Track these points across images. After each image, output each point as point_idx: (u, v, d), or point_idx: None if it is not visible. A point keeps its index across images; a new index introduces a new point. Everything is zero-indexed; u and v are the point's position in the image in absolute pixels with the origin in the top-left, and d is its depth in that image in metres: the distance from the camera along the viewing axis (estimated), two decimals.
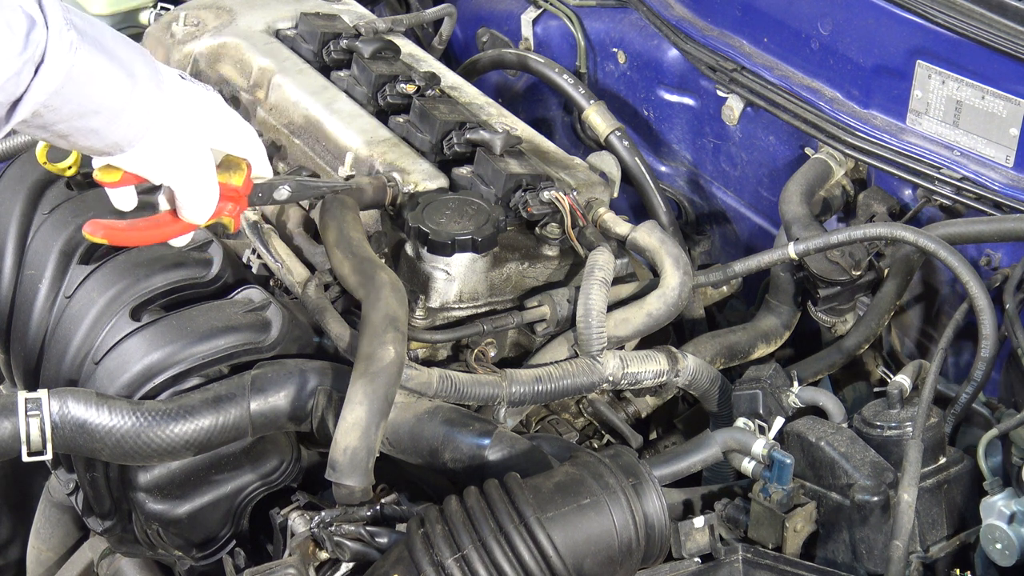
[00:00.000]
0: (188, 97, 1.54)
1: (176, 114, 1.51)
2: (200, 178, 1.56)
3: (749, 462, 1.77)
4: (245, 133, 1.63)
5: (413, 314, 1.86)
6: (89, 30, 1.39)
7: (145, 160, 1.51)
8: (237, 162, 1.64)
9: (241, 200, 1.65)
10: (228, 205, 1.63)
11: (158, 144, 1.50)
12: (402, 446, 1.79)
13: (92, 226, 1.60)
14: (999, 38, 1.96)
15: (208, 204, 1.59)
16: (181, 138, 1.52)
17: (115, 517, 1.80)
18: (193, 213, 1.59)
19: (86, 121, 1.42)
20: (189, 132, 1.53)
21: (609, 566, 1.57)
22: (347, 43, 2.28)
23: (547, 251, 1.98)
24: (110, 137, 1.45)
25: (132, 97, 1.44)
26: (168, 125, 1.50)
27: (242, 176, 1.64)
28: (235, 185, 1.63)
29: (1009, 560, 1.66)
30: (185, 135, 1.52)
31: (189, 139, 1.53)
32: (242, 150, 1.64)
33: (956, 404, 1.88)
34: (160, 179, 1.54)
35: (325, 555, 1.65)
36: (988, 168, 2.06)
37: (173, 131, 1.50)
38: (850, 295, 2.17)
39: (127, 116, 1.44)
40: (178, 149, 1.52)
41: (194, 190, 1.57)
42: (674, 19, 2.47)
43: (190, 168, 1.55)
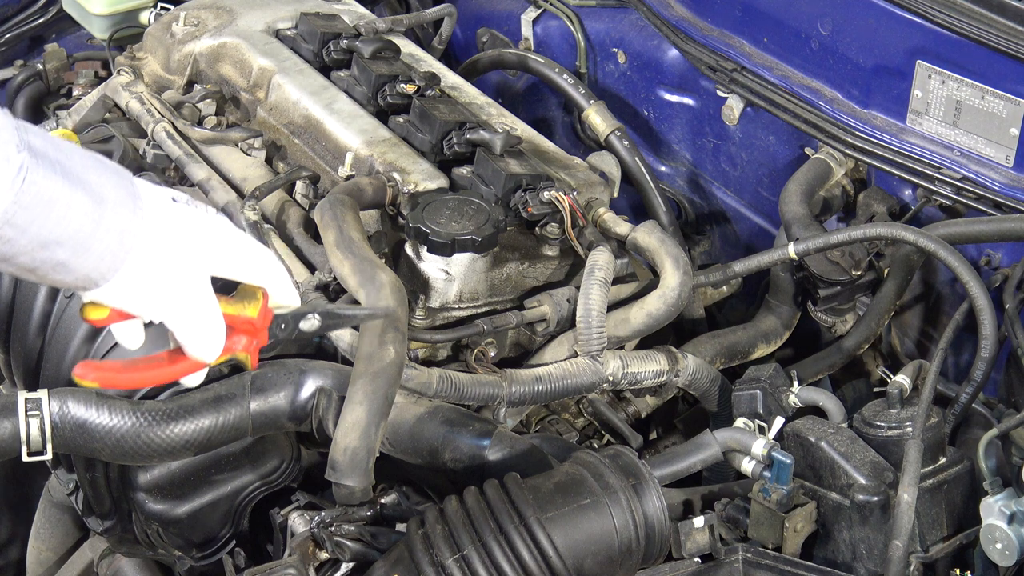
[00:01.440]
0: (180, 221, 1.34)
1: (161, 241, 1.31)
2: (197, 311, 1.36)
3: (749, 462, 1.77)
4: (259, 257, 1.42)
5: (413, 314, 1.86)
6: (51, 152, 1.22)
7: (127, 294, 1.31)
8: (253, 291, 1.42)
9: (259, 333, 1.42)
10: (243, 340, 1.41)
11: (140, 276, 1.30)
12: (402, 446, 1.79)
13: (83, 368, 1.38)
14: (999, 38, 1.96)
15: (213, 340, 1.38)
16: (169, 267, 1.32)
17: (115, 517, 1.80)
18: (198, 350, 1.38)
19: (50, 253, 1.24)
20: (179, 260, 1.33)
21: (609, 566, 1.57)
22: (347, 43, 2.28)
23: (547, 251, 1.98)
24: (80, 270, 1.26)
25: (100, 225, 1.25)
26: (150, 254, 1.30)
27: (257, 306, 1.41)
28: (249, 316, 1.41)
29: (1009, 560, 1.66)
30: (174, 264, 1.32)
31: (179, 268, 1.33)
32: (256, 276, 1.42)
33: (956, 404, 1.88)
34: (150, 315, 1.34)
35: (325, 555, 1.65)
36: (988, 168, 2.06)
37: (158, 260, 1.31)
38: (850, 295, 2.18)
39: (97, 246, 1.26)
40: (166, 280, 1.32)
41: (192, 325, 1.36)
42: (674, 19, 2.47)
43: (183, 301, 1.34)
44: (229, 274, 1.40)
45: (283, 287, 1.44)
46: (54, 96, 2.75)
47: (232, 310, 1.40)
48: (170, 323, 1.35)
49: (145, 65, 2.42)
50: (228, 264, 1.39)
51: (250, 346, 1.42)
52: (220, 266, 1.38)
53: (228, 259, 1.39)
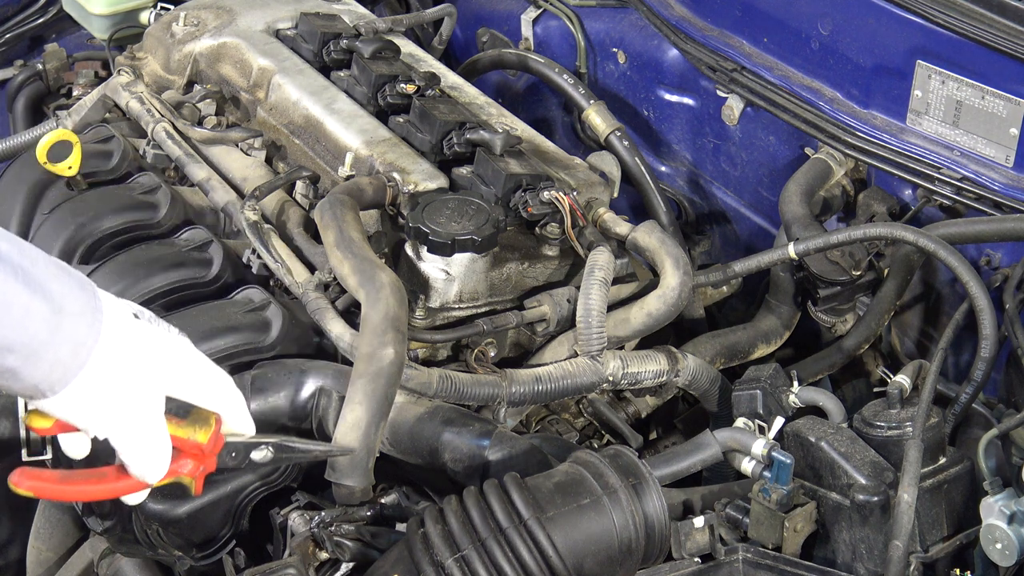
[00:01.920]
0: (139, 338, 1.31)
1: (116, 358, 1.28)
2: (143, 433, 1.33)
3: (749, 462, 1.77)
4: (216, 382, 1.40)
5: (413, 314, 1.86)
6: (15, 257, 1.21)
7: (74, 408, 1.28)
8: (206, 415, 1.39)
9: (207, 459, 1.40)
10: (188, 464, 1.39)
11: (89, 391, 1.27)
12: (402, 446, 1.78)
13: (19, 475, 1.34)
14: (999, 38, 1.96)
15: (157, 463, 1.35)
16: (120, 386, 1.29)
17: (115, 517, 1.79)
18: (141, 471, 1.34)
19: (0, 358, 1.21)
20: (132, 379, 1.30)
21: (609, 566, 1.57)
22: (347, 43, 2.28)
23: (547, 251, 1.98)
24: (28, 380, 1.23)
25: (56, 335, 1.22)
26: (103, 370, 1.27)
27: (208, 432, 1.38)
28: (198, 441, 1.38)
29: (1009, 560, 1.66)
30: (126, 382, 1.29)
31: (131, 387, 1.30)
32: (212, 402, 1.39)
33: (956, 404, 1.88)
34: (94, 431, 1.31)
35: (325, 555, 1.65)
36: (988, 168, 2.06)
37: (109, 377, 1.28)
38: (850, 295, 2.18)
39: (49, 356, 1.23)
40: (115, 398, 1.29)
41: (137, 447, 1.32)
42: (674, 19, 2.47)
43: (130, 421, 1.31)
44: (184, 396, 1.37)
45: (238, 415, 1.42)
46: (54, 96, 2.75)
47: (182, 433, 1.37)
48: (115, 442, 1.32)
49: (145, 65, 2.42)
50: (184, 386, 1.37)
51: (195, 471, 1.40)
52: (175, 387, 1.36)
53: (184, 381, 1.36)
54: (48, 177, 2.02)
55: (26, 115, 2.72)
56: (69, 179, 2.03)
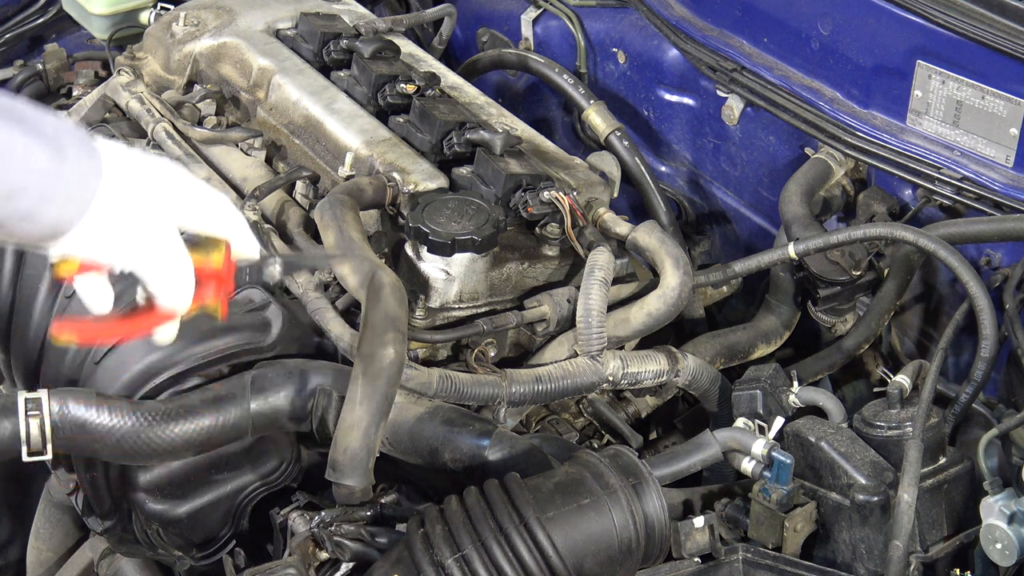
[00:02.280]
0: (140, 169, 1.34)
1: (123, 187, 1.31)
2: (167, 259, 1.35)
3: (749, 462, 1.77)
4: (219, 208, 1.42)
5: (413, 314, 1.86)
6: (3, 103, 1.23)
7: (93, 242, 1.31)
8: (215, 241, 1.43)
9: (224, 282, 1.43)
10: (211, 289, 1.42)
11: (105, 222, 1.30)
12: (402, 446, 1.79)
13: (59, 326, 1.41)
14: (999, 38, 1.96)
15: (183, 287, 1.37)
16: (135, 212, 1.32)
17: (115, 517, 1.80)
18: (169, 299, 1.37)
19: (14, 204, 1.24)
20: (143, 207, 1.33)
21: (609, 566, 1.57)
22: (347, 43, 2.28)
23: (547, 251, 1.98)
24: (46, 219, 1.26)
25: (61, 171, 1.25)
26: (114, 200, 1.30)
27: (221, 255, 1.42)
28: (214, 266, 1.41)
29: (1009, 560, 1.66)
30: (140, 208, 1.32)
31: (144, 214, 1.33)
32: (219, 227, 1.42)
33: (956, 404, 1.88)
34: (119, 263, 1.34)
35: (325, 555, 1.65)
36: (988, 168, 2.06)
37: (122, 207, 1.31)
38: (850, 295, 2.18)
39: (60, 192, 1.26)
40: (133, 226, 1.32)
41: (163, 274, 1.35)
42: (674, 19, 2.47)
43: (153, 248, 1.34)
44: (192, 225, 1.39)
45: (244, 237, 1.44)
46: (54, 96, 2.75)
47: (198, 260, 1.39)
48: (141, 271, 1.35)
49: (145, 65, 2.42)
50: (191, 214, 1.38)
51: (219, 295, 1.42)
52: (183, 216, 1.38)
53: (191, 209, 1.38)
54: None
55: None
56: None
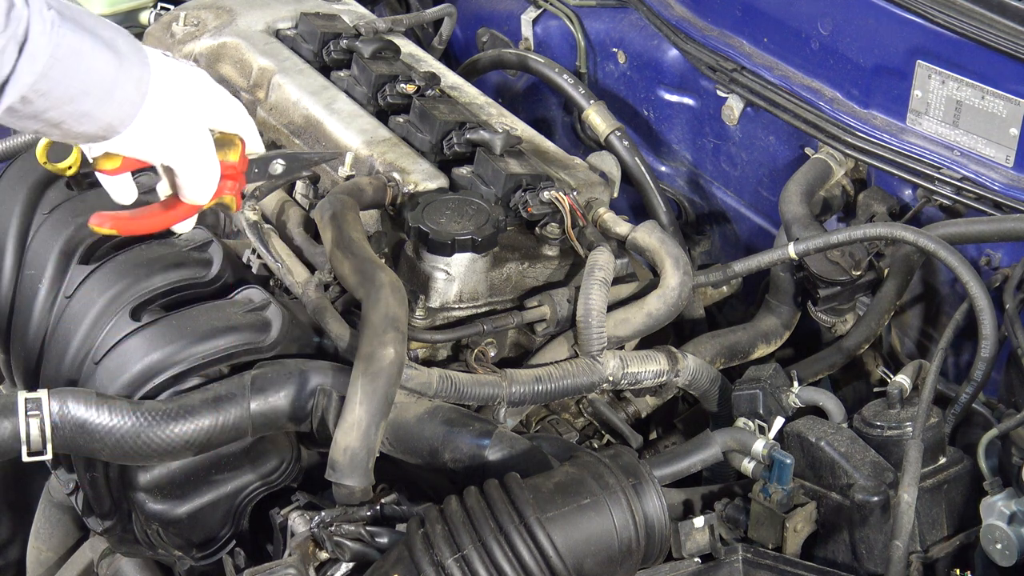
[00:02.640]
0: (176, 74, 1.51)
1: (167, 91, 1.47)
2: (200, 155, 1.54)
3: (749, 462, 1.77)
4: (236, 109, 1.61)
5: (413, 314, 1.86)
6: (66, 11, 1.36)
7: (142, 140, 1.48)
8: (230, 139, 1.61)
9: (239, 177, 1.63)
10: (228, 183, 1.62)
11: (153, 122, 1.47)
12: (402, 446, 1.79)
13: (99, 218, 1.60)
14: (999, 38, 1.96)
15: (210, 182, 1.57)
16: (176, 115, 1.49)
17: (115, 517, 1.79)
18: (196, 193, 1.57)
19: (77, 104, 1.38)
20: (183, 109, 1.50)
21: (609, 566, 1.57)
22: (347, 43, 2.28)
23: (547, 251, 1.98)
24: (103, 119, 1.42)
25: (119, 75, 1.41)
26: (161, 102, 1.47)
27: (237, 152, 1.62)
28: (232, 162, 1.61)
29: (1009, 560, 1.66)
30: (179, 112, 1.50)
31: (184, 116, 1.50)
32: (234, 126, 1.61)
33: (956, 404, 1.88)
34: (160, 159, 1.52)
35: (325, 555, 1.65)
36: (988, 168, 2.06)
37: (167, 108, 1.48)
38: (850, 295, 2.17)
39: (118, 94, 1.41)
40: (174, 127, 1.50)
41: (195, 168, 1.55)
42: (674, 19, 2.47)
43: (189, 146, 1.52)
44: (216, 123, 1.57)
45: (254, 135, 1.64)
46: None
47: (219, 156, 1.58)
48: (177, 165, 1.53)
49: None
50: (217, 114, 1.57)
51: (235, 188, 1.62)
52: (212, 117, 1.56)
53: (216, 109, 1.57)
54: (48, 177, 2.02)
55: None
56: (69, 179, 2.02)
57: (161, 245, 1.93)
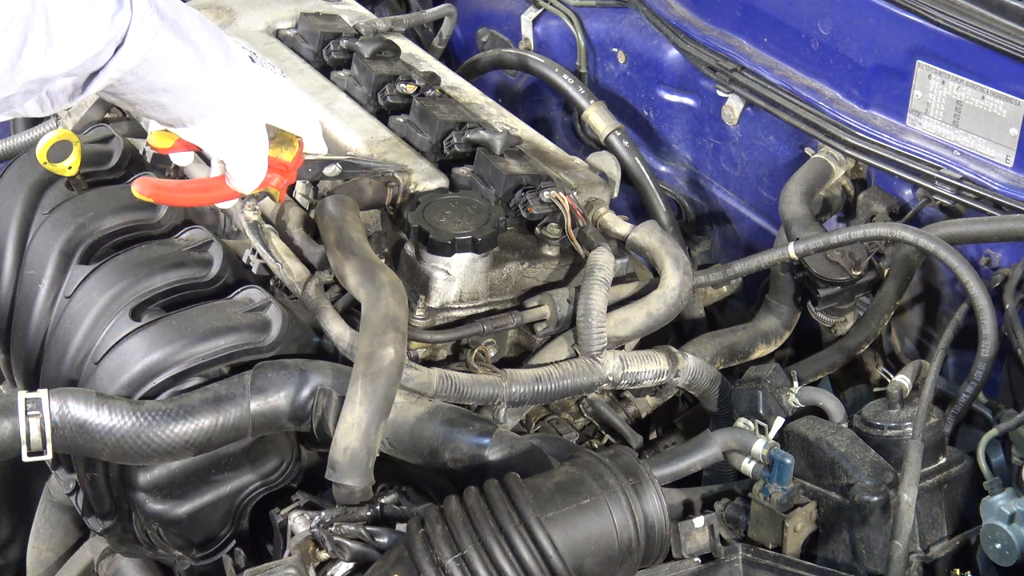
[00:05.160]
0: (255, 78, 1.61)
1: (241, 94, 1.58)
2: (252, 154, 1.64)
3: (749, 462, 1.77)
4: (303, 112, 1.72)
5: (413, 314, 1.86)
6: (170, 12, 1.46)
7: (206, 135, 1.59)
8: (290, 138, 1.72)
9: (290, 174, 1.74)
10: (276, 178, 1.72)
11: (220, 122, 1.58)
12: (402, 446, 1.78)
13: (142, 184, 1.68)
14: (999, 38, 1.96)
15: (256, 177, 1.68)
16: (242, 117, 1.60)
17: (115, 517, 1.80)
18: (241, 184, 1.68)
19: (155, 96, 1.49)
20: (250, 111, 1.61)
21: (609, 566, 1.57)
22: (347, 43, 2.28)
23: (547, 251, 1.98)
24: (175, 112, 1.53)
25: (201, 78, 1.51)
26: (232, 105, 1.57)
27: (293, 152, 1.72)
28: (285, 160, 1.72)
29: (1009, 560, 1.66)
30: (246, 114, 1.60)
31: (249, 118, 1.61)
32: (297, 127, 1.72)
33: (956, 404, 1.88)
34: (216, 153, 1.64)
35: (325, 555, 1.65)
36: (988, 168, 2.06)
37: (236, 110, 1.58)
38: (850, 295, 2.17)
39: (195, 95, 1.52)
40: (237, 127, 1.60)
41: (245, 164, 1.65)
42: (674, 19, 2.47)
43: (245, 145, 1.62)
44: (279, 123, 1.70)
45: (316, 138, 1.76)
46: None
47: (272, 153, 1.69)
48: (230, 160, 1.64)
49: None
50: (282, 115, 1.69)
51: (281, 184, 1.74)
52: (275, 115, 1.68)
53: (283, 111, 1.68)
54: (48, 177, 2.02)
55: None
56: (69, 179, 2.02)
57: (161, 245, 1.94)
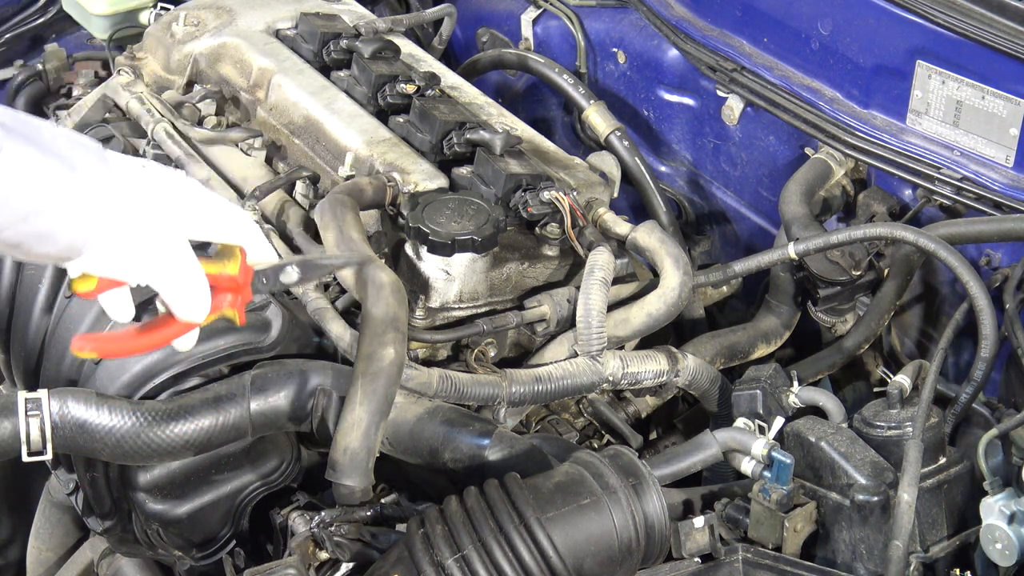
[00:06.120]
0: (151, 185, 1.37)
1: (135, 205, 1.34)
2: (183, 275, 1.38)
3: (749, 462, 1.77)
4: (231, 217, 1.45)
5: (413, 314, 1.86)
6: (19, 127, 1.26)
7: (110, 259, 1.33)
8: (229, 249, 1.46)
9: (242, 290, 1.46)
10: (228, 297, 1.45)
11: (119, 240, 1.33)
12: (402, 446, 1.79)
13: (81, 341, 1.41)
14: (999, 38, 1.96)
15: (199, 299, 1.40)
16: (147, 229, 1.35)
17: (115, 517, 1.80)
18: (186, 311, 1.41)
19: (32, 224, 1.26)
20: (155, 223, 1.36)
21: (609, 566, 1.57)
22: (347, 43, 2.28)
23: (547, 251, 1.98)
24: (62, 239, 1.29)
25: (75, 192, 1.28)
26: (127, 218, 1.33)
27: (236, 263, 1.45)
28: (230, 274, 1.44)
29: (1009, 560, 1.66)
30: (151, 227, 1.35)
31: (157, 230, 1.36)
32: (232, 236, 1.45)
33: (956, 404, 1.88)
34: (135, 279, 1.37)
35: (325, 555, 1.65)
36: (988, 168, 2.06)
37: (135, 224, 1.34)
38: (850, 295, 2.18)
39: (74, 212, 1.28)
40: (146, 242, 1.35)
41: (178, 286, 1.39)
42: (674, 19, 2.47)
43: (166, 262, 1.37)
44: (205, 235, 1.42)
45: (258, 244, 1.47)
46: (54, 96, 2.75)
47: (213, 269, 1.42)
48: (156, 285, 1.38)
49: (145, 65, 2.42)
50: (203, 225, 1.41)
51: (236, 303, 1.45)
52: (195, 228, 1.40)
53: (203, 221, 1.41)
54: None
55: None
56: None
57: None
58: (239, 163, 2.20)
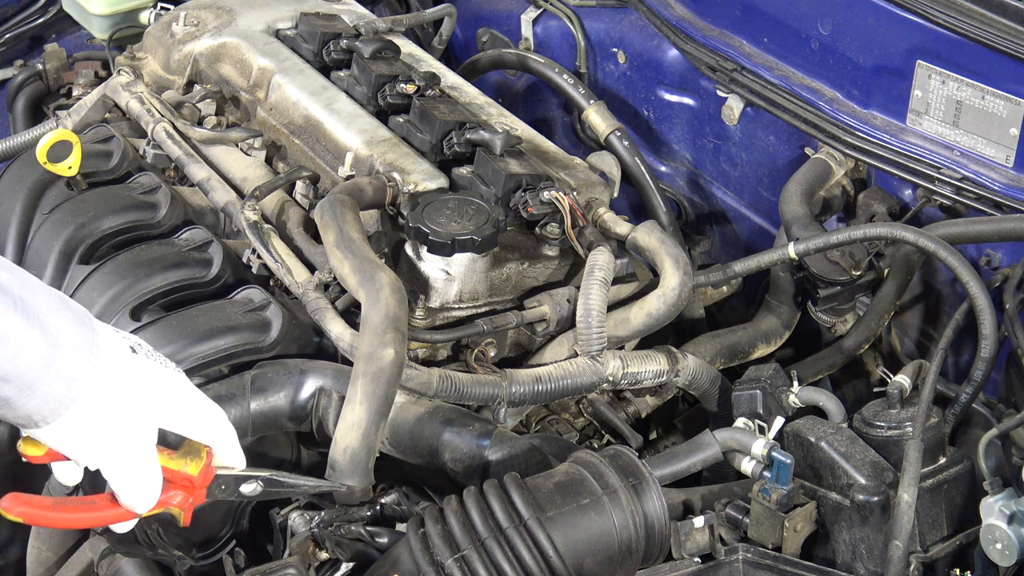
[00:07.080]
0: (134, 373, 1.34)
1: (110, 391, 1.31)
2: (135, 465, 1.35)
3: (749, 462, 1.77)
4: (209, 416, 1.43)
5: (413, 314, 1.86)
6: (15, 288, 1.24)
7: (66, 439, 1.30)
8: (198, 448, 1.43)
9: (196, 491, 1.43)
10: (179, 495, 1.42)
11: (82, 424, 1.30)
12: (402, 446, 1.79)
13: (10, 500, 1.36)
14: (999, 38, 1.96)
15: (147, 494, 1.37)
16: (113, 420, 1.32)
17: None
18: (131, 502, 1.37)
19: None
20: (125, 413, 1.33)
21: (609, 566, 1.57)
22: (347, 43, 2.28)
23: (547, 251, 1.98)
24: (22, 410, 1.26)
25: (51, 369, 1.25)
26: (97, 404, 1.30)
27: (199, 464, 1.42)
28: (188, 473, 1.41)
29: (1009, 560, 1.66)
30: (119, 417, 1.32)
31: (124, 421, 1.33)
32: (204, 435, 1.43)
33: (956, 404, 1.88)
34: (85, 461, 1.33)
35: (325, 555, 1.65)
36: (988, 168, 2.06)
37: (103, 412, 1.30)
38: (850, 295, 2.18)
39: (43, 389, 1.25)
40: (108, 431, 1.32)
41: (128, 478, 1.35)
42: (674, 19, 2.47)
43: (122, 453, 1.34)
44: (177, 429, 1.40)
45: (229, 448, 1.46)
46: (54, 96, 2.75)
47: (173, 465, 1.40)
48: (106, 473, 1.35)
49: (145, 65, 2.42)
50: (177, 420, 1.39)
51: (185, 503, 1.43)
52: (168, 420, 1.38)
53: (178, 415, 1.39)
54: (48, 177, 2.02)
55: (26, 115, 2.72)
56: (69, 179, 2.02)
57: (161, 245, 1.94)
58: (239, 163, 2.20)
